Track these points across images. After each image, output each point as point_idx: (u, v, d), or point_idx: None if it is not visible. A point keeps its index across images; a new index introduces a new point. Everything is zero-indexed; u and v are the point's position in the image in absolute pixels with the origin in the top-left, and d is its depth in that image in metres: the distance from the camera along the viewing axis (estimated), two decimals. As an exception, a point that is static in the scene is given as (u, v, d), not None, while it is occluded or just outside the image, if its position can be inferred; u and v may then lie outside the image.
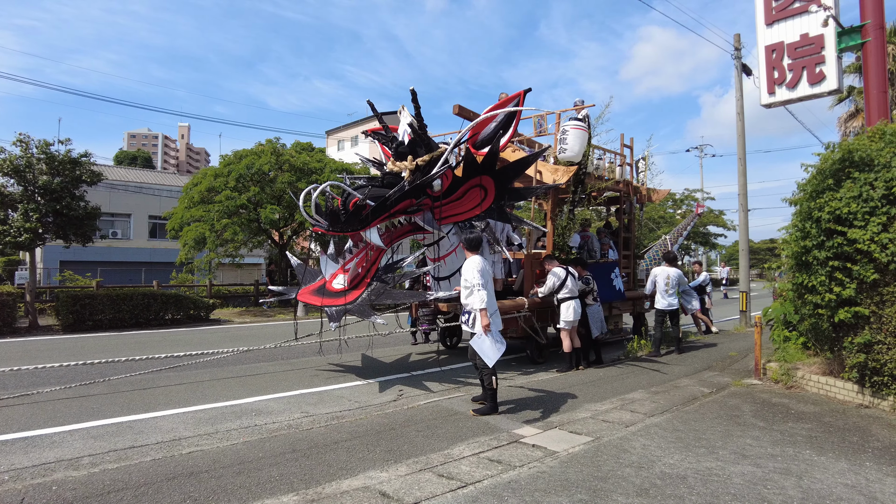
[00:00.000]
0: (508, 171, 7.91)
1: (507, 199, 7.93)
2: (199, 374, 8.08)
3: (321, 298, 7.49)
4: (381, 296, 7.33)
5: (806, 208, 6.16)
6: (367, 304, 7.16)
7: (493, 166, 7.82)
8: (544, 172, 9.04)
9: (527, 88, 8.34)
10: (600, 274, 9.84)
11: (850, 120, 20.78)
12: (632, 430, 5.19)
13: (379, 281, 7.47)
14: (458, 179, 7.73)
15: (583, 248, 10.62)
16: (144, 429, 5.35)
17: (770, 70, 9.95)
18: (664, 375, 8.02)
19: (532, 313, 8.73)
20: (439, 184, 7.51)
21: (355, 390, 7.07)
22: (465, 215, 7.86)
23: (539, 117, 9.91)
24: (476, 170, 7.75)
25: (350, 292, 7.38)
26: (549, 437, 5.03)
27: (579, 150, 8.97)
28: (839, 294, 5.72)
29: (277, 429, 5.37)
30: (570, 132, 8.93)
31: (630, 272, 11.73)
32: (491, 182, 7.79)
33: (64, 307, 13.25)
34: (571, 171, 8.86)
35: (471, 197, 7.82)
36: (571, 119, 9.09)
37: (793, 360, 7.37)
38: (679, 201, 39.45)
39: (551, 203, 9.38)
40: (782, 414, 5.70)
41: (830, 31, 9.03)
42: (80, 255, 27.64)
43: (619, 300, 10.54)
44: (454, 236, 8.15)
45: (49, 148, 12.76)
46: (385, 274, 7.61)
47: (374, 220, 7.11)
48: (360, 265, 7.72)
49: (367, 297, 7.25)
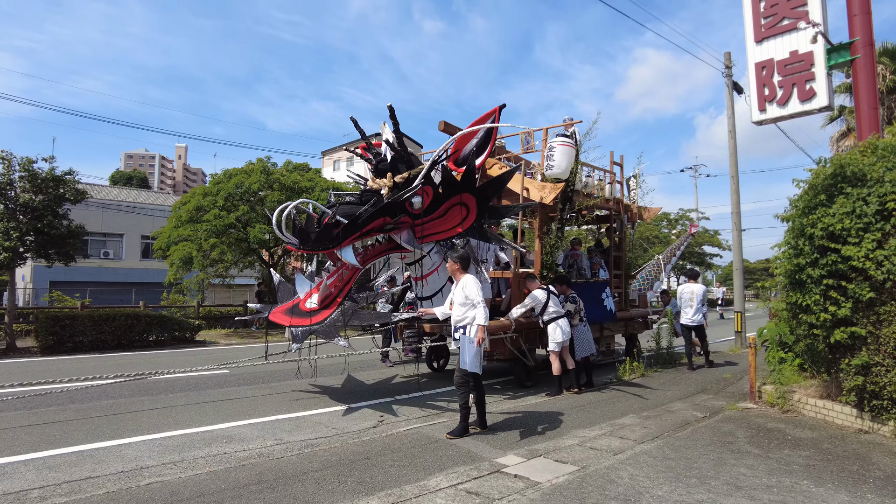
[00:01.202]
0: (488, 189, 7.72)
1: (488, 217, 7.73)
2: (174, 397, 7.77)
3: (290, 318, 7.27)
4: (350, 317, 7.11)
5: (798, 225, 5.97)
6: (334, 325, 6.93)
7: (473, 183, 7.63)
8: (531, 189, 8.85)
9: (501, 104, 8.23)
10: (590, 294, 9.57)
11: (842, 139, 20.77)
12: (620, 459, 4.91)
13: (351, 301, 7.25)
14: (439, 197, 7.52)
15: (572, 267, 10.42)
16: (106, 457, 5.05)
17: (760, 87, 9.88)
18: (657, 399, 7.75)
19: (519, 335, 8.44)
20: (420, 201, 7.30)
21: (334, 416, 6.77)
22: (446, 234, 7.63)
23: (526, 134, 9.76)
24: (456, 187, 7.55)
25: (320, 312, 7.16)
26: (533, 466, 4.75)
27: (566, 167, 8.81)
28: (834, 314, 5.51)
29: (247, 457, 5.08)
30: (556, 148, 8.77)
31: (622, 292, 11.40)
32: (472, 200, 7.58)
33: (43, 328, 12.90)
34: (559, 189, 8.70)
35: (453, 215, 7.60)
36: (559, 135, 8.94)
37: (789, 382, 7.12)
38: (674, 221, 39.45)
39: (538, 221, 9.18)
40: (778, 440, 5.43)
41: (819, 47, 8.98)
42: (70, 276, 27.32)
43: (609, 321, 10.28)
44: (436, 255, 7.92)
45: (32, 165, 12.55)
46: (357, 294, 7.40)
47: (346, 239, 6.90)
48: (335, 284, 7.49)
49: (335, 317, 7.03)
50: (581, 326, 8.41)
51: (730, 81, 14.01)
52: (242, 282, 28.98)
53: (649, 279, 14.43)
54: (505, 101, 27.99)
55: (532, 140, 9.77)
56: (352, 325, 7.28)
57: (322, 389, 8.48)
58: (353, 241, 7.05)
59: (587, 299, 9.12)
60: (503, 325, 8.13)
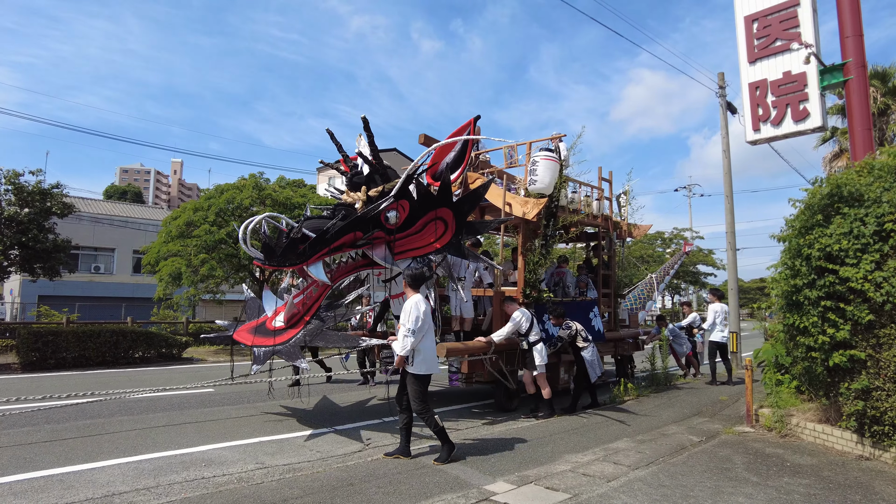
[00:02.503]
0: (464, 204, 7.44)
1: (465, 233, 7.47)
2: (154, 417, 7.53)
3: (253, 337, 6.93)
4: (315, 337, 6.78)
5: (795, 245, 5.87)
6: (298, 345, 6.61)
7: (450, 198, 7.34)
8: (514, 205, 8.54)
9: (476, 116, 8.00)
10: (576, 313, 9.31)
11: (834, 160, 20.90)
12: (613, 486, 4.72)
13: (318, 320, 6.93)
14: (416, 212, 7.20)
15: (557, 286, 10.10)
16: (77, 483, 4.81)
17: (754, 107, 9.88)
18: (651, 422, 7.56)
19: (499, 356, 8.06)
20: (395, 216, 7.00)
21: (320, 438, 6.55)
22: (423, 250, 7.31)
23: (510, 148, 9.47)
24: (433, 202, 7.25)
25: (286, 332, 6.82)
26: (523, 494, 4.55)
27: (550, 182, 8.53)
28: (833, 336, 5.37)
29: (226, 482, 4.86)
30: (540, 163, 8.48)
31: (611, 311, 11.04)
32: (450, 215, 7.30)
33: (24, 344, 12.59)
34: (541, 204, 8.35)
35: (430, 230, 7.30)
36: (542, 149, 8.66)
37: (786, 405, 6.95)
38: (668, 240, 39.51)
39: (521, 237, 8.88)
40: (777, 467, 5.25)
41: (812, 68, 8.99)
42: (59, 290, 26.96)
43: (598, 341, 9.83)
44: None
45: (18, 178, 12.36)
46: (325, 312, 7.05)
47: (315, 255, 6.57)
48: (303, 302, 7.17)
49: (300, 337, 6.70)
50: (590, 348, 8.21)
51: (724, 101, 14.06)
52: (234, 297, 28.69)
53: (641, 298, 13.92)
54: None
55: (516, 154, 9.45)
56: (316, 345, 7.00)
57: (308, 410, 8.24)
58: (322, 256, 6.71)
59: (575, 319, 8.83)
60: (482, 346, 7.80)
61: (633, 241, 41.11)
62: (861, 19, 8.67)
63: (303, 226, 6.70)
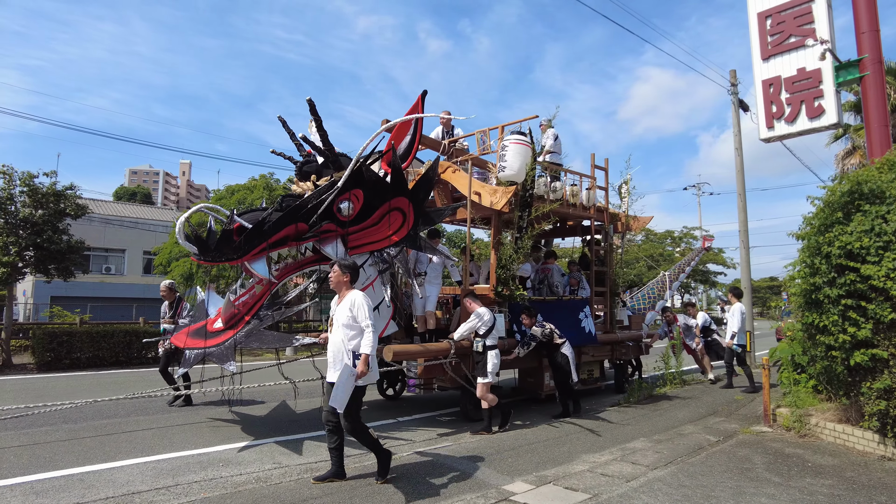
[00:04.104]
0: (419, 192, 6.88)
1: (422, 223, 6.95)
2: (170, 417, 7.57)
3: (186, 339, 6.49)
4: (250, 337, 6.32)
5: (814, 243, 5.81)
6: (231, 348, 6.15)
7: (405, 185, 6.78)
8: (483, 194, 7.85)
9: (423, 91, 7.35)
10: (564, 313, 8.74)
11: (847, 157, 20.68)
12: (633, 486, 4.69)
13: (257, 320, 6.42)
14: (371, 202, 6.61)
15: (542, 283, 9.39)
16: (97, 482, 4.84)
17: (768, 104, 9.79)
18: (667, 422, 7.51)
19: (461, 360, 7.28)
20: (349, 207, 6.42)
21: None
22: (380, 243, 6.78)
23: (482, 133, 8.84)
24: (388, 190, 6.68)
25: (223, 333, 6.35)
26: (543, 494, 4.53)
27: (520, 168, 7.77)
28: (854, 335, 5.32)
29: (244, 482, 4.87)
30: (509, 147, 7.78)
31: (607, 312, 10.19)
32: (407, 204, 6.76)
33: (40, 345, 12.70)
34: (510, 192, 7.66)
35: (388, 222, 6.76)
36: (513, 133, 7.95)
37: (804, 404, 6.89)
38: (678, 239, 39.30)
39: (493, 230, 8.18)
40: (798, 467, 5.20)
41: (828, 65, 8.90)
42: (71, 291, 27.17)
43: (588, 344, 9.14)
44: (370, 268, 6.94)
45: (33, 180, 12.47)
46: (265, 311, 6.55)
47: (254, 249, 6.05)
48: (245, 303, 6.64)
49: (235, 339, 6.22)
50: (568, 344, 7.67)
51: (736, 99, 13.96)
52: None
53: (651, 297, 13.20)
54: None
55: (488, 140, 8.71)
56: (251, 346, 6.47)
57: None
58: (264, 250, 6.15)
59: (560, 319, 8.31)
60: (439, 348, 7.10)
61: (644, 238, 40.90)
62: (877, 14, 8.58)
63: (234, 216, 6.14)
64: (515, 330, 7.92)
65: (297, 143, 7.04)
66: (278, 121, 6.93)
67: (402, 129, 7.38)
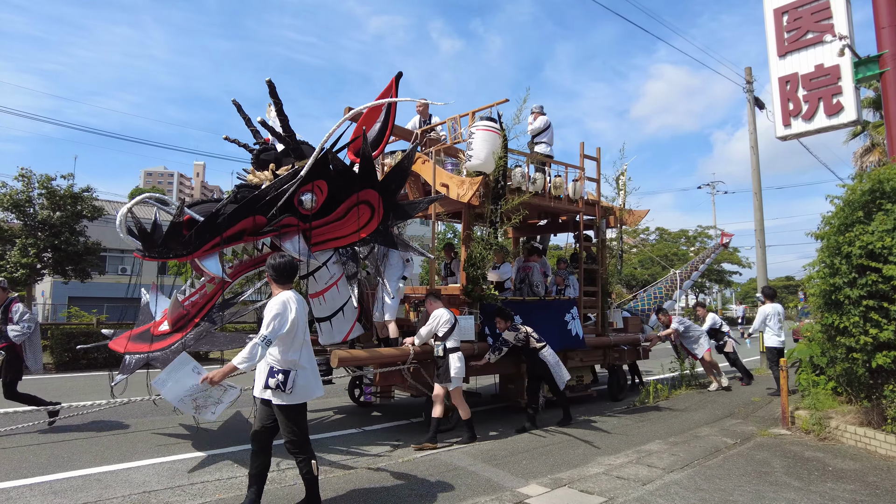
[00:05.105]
0: (390, 183, 6.44)
1: (394, 217, 6.51)
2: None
3: (126, 344, 6.02)
4: (200, 340, 5.88)
5: (834, 243, 5.71)
6: (178, 352, 5.57)
7: (375, 176, 6.34)
8: (451, 186, 7.37)
9: (398, 73, 6.80)
10: (547, 315, 8.16)
11: (865, 154, 20.38)
12: (649, 489, 4.64)
13: (209, 321, 5.99)
14: (336, 194, 6.15)
15: (523, 282, 8.82)
16: (114, 482, 4.89)
17: (785, 102, 9.65)
18: (682, 424, 7.43)
19: (421, 365, 6.71)
20: (311, 199, 5.94)
21: (350, 438, 6.57)
22: (346, 239, 6.34)
23: (453, 121, 8.20)
24: (356, 182, 6.20)
25: (170, 336, 5.89)
26: (558, 497, 4.50)
27: (487, 157, 7.21)
28: (876, 337, 5.22)
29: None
30: (476, 134, 7.26)
31: (599, 313, 9.41)
32: (377, 197, 6.29)
33: (58, 345, 12.88)
34: (476, 183, 7.14)
35: (355, 216, 6.28)
36: (483, 119, 7.45)
37: (824, 407, 6.77)
38: (692, 238, 38.96)
39: (463, 224, 7.70)
40: (819, 471, 5.11)
41: (846, 61, 8.75)
42: (88, 291, 27.53)
43: (575, 347, 8.47)
44: (335, 266, 6.54)
45: (50, 182, 12.67)
46: (217, 312, 6.08)
47: (204, 244, 5.57)
48: (195, 303, 6.16)
49: (184, 342, 5.78)
50: (548, 347, 7.13)
51: (751, 97, 13.78)
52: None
53: (658, 297, 12.39)
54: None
55: (459, 127, 8.08)
56: (201, 349, 5.99)
57: (337, 409, 8.26)
58: (216, 246, 5.63)
59: (542, 321, 7.76)
60: (395, 353, 6.53)
61: (658, 238, 40.62)
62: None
63: (184, 207, 5.62)
64: (488, 333, 7.39)
65: (253, 130, 6.53)
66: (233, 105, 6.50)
67: (372, 115, 6.89)
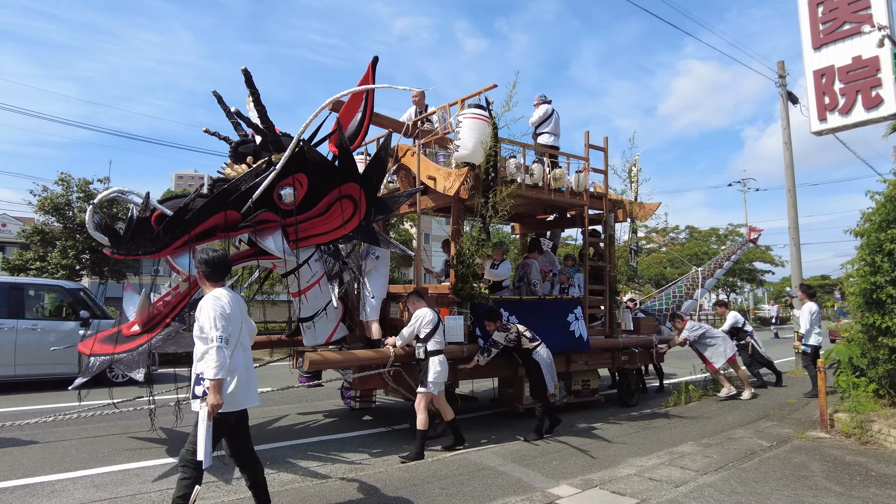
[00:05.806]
0: (371, 175, 6.15)
1: (376, 212, 6.24)
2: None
3: (94, 345, 5.78)
4: (167, 341, 5.66)
5: (874, 240, 5.54)
6: (145, 354, 5.48)
7: (355, 169, 6.01)
8: (438, 178, 7.04)
9: (374, 57, 6.48)
10: (547, 315, 7.73)
11: (906, 149, 19.65)
12: (682, 492, 4.57)
13: (179, 321, 5.79)
14: (316, 189, 5.89)
15: (521, 280, 8.34)
16: (151, 476, 5.04)
17: (820, 96, 9.41)
18: (716, 425, 7.29)
19: (402, 368, 6.37)
20: (291, 193, 5.69)
21: (379, 438, 6.64)
22: (328, 235, 6.14)
23: (442, 109, 7.83)
24: (337, 175, 5.93)
25: (138, 337, 5.66)
26: (589, 498, 4.46)
27: (475, 146, 6.76)
28: (920, 337, 5.04)
29: (290, 481, 4.97)
30: (463, 122, 6.84)
31: (607, 313, 8.92)
32: (359, 191, 6.01)
33: (97, 344, 13.31)
34: (463, 174, 6.74)
35: (337, 211, 6.03)
36: (471, 106, 7.05)
37: (865, 409, 6.56)
38: (723, 237, 38.18)
39: (452, 219, 7.37)
40: (861, 476, 4.96)
41: (886, 52, 8.49)
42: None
43: (579, 350, 7.98)
44: (317, 264, 6.34)
45: (88, 186, 13.11)
46: (189, 312, 5.79)
47: (175, 241, 5.34)
48: (168, 303, 5.93)
49: (151, 344, 5.56)
50: (543, 346, 6.67)
51: (784, 91, 13.43)
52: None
53: (677, 297, 11.71)
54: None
55: (448, 117, 7.66)
56: (168, 350, 5.78)
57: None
58: (187, 242, 5.38)
59: (542, 322, 7.36)
60: (373, 356, 6.25)
61: (688, 236, 39.81)
62: (940, -4, 8.13)
63: (152, 201, 5.38)
64: (479, 334, 7.01)
65: (234, 122, 6.30)
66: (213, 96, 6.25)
67: (354, 106, 6.61)
